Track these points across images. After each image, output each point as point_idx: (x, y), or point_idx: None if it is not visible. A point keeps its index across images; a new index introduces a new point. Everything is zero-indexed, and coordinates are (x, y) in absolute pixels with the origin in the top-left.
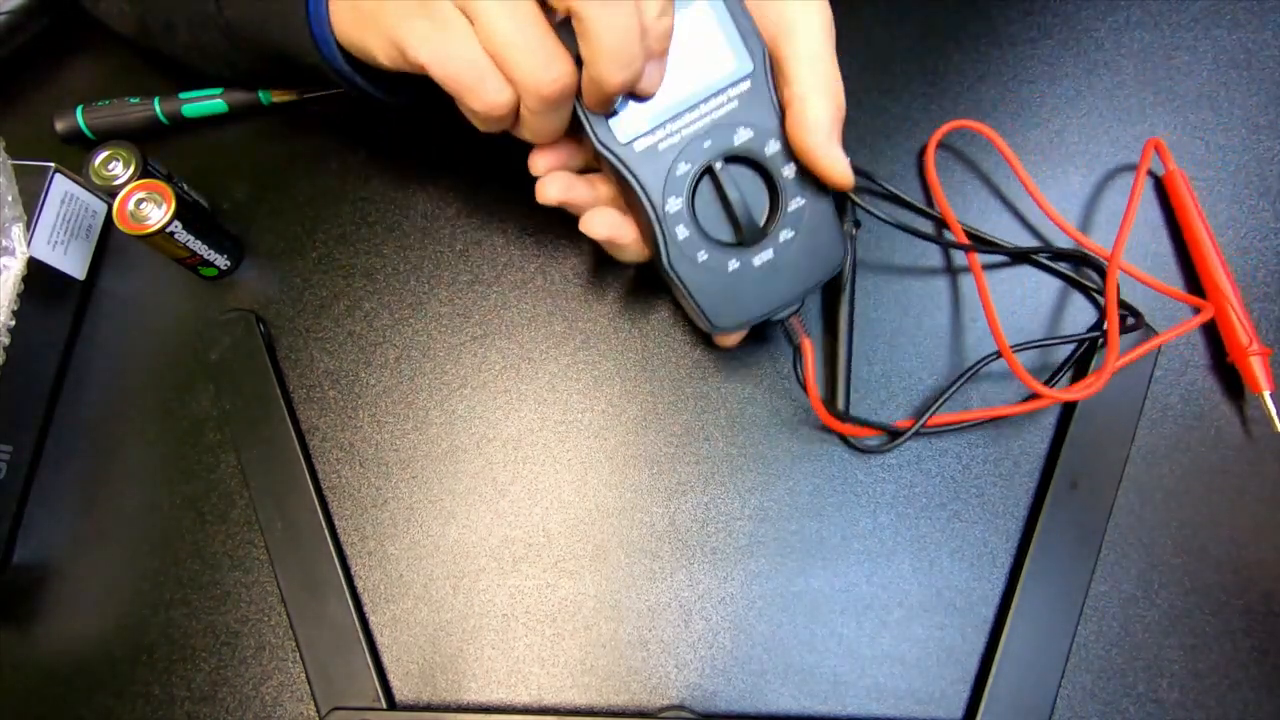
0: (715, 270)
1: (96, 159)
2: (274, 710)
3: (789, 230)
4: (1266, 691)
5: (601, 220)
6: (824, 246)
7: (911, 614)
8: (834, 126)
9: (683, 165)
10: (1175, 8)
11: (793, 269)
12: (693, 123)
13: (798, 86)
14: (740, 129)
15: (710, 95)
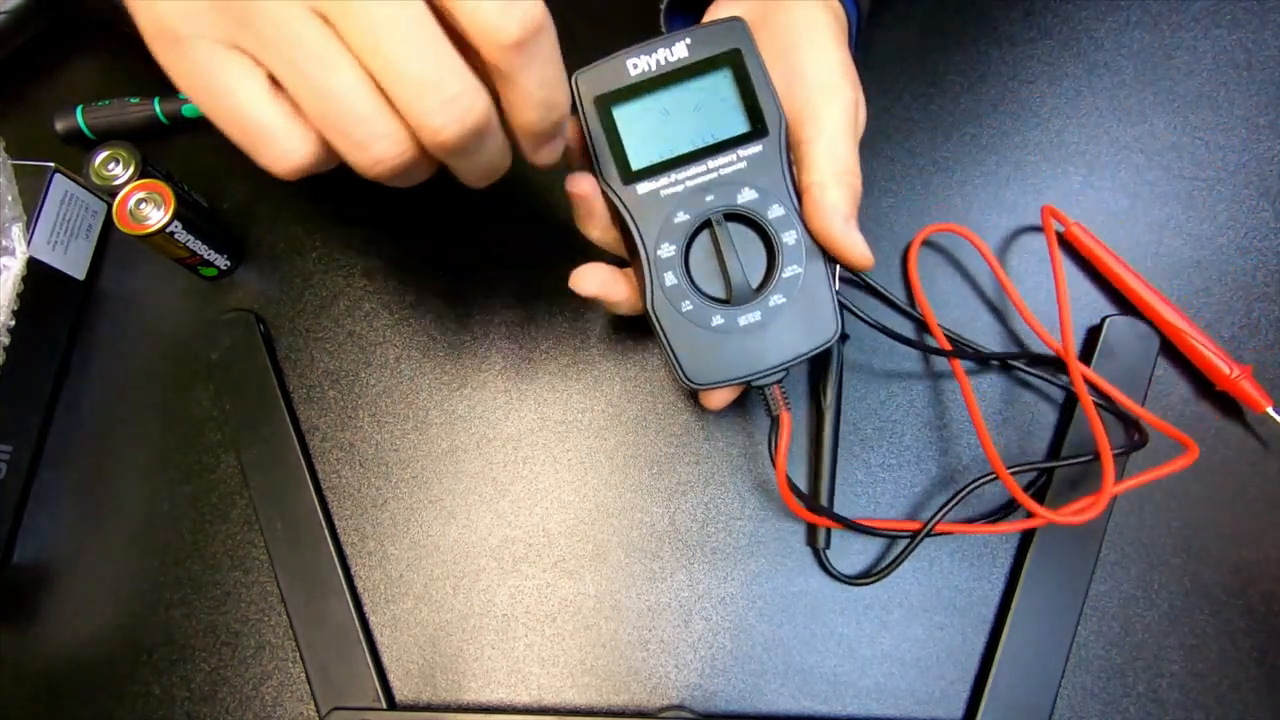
0: (698, 323)
1: (96, 159)
2: (274, 710)
3: (781, 296)
4: (1267, 691)
5: (592, 277)
6: (816, 318)
7: (911, 614)
8: (851, 211)
9: (681, 214)
10: (1175, 8)
11: (780, 336)
12: (698, 176)
13: (816, 174)
14: (745, 189)
15: (720, 152)
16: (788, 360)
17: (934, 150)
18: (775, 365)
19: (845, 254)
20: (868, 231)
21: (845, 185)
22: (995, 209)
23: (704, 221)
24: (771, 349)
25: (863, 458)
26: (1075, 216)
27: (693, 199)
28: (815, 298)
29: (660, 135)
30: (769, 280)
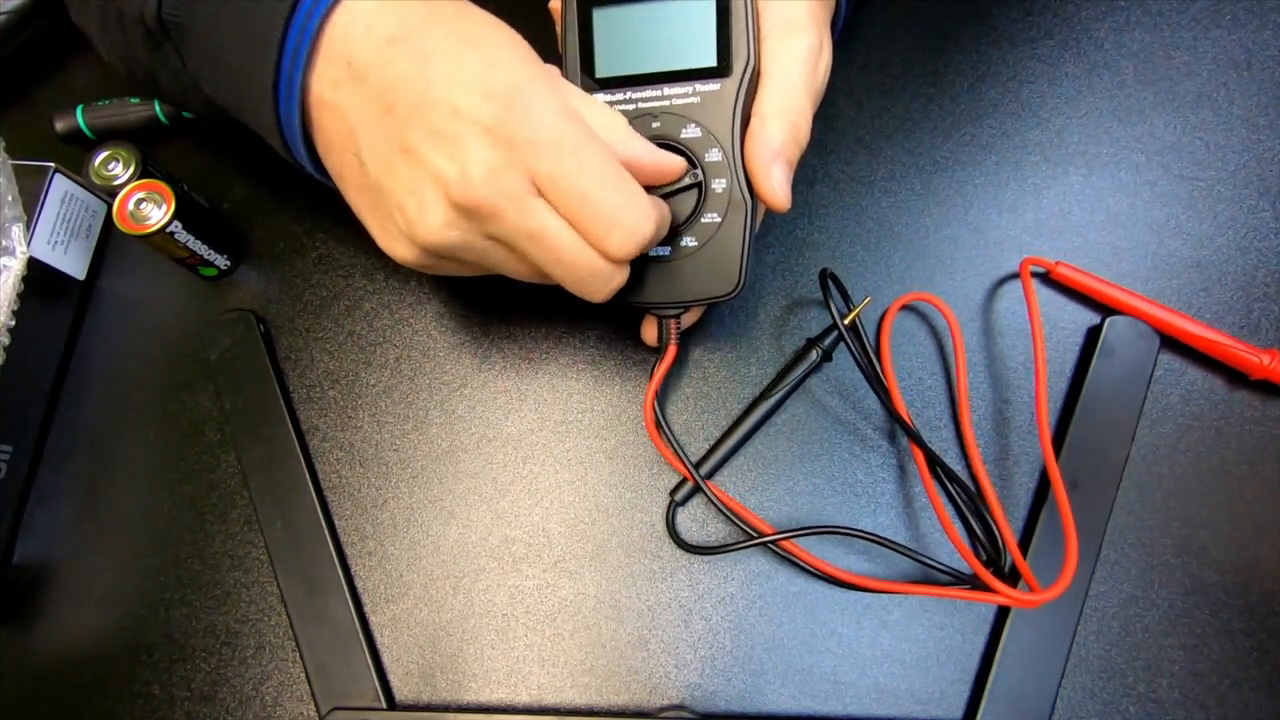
0: None
1: (96, 159)
2: (274, 710)
3: (693, 239)
4: (1266, 691)
5: None
6: (720, 270)
7: (911, 614)
8: (784, 149)
9: None
10: (1175, 8)
11: (681, 276)
12: (651, 100)
13: (761, 105)
14: (691, 125)
15: (679, 80)
16: (682, 300)
17: (934, 150)
18: (670, 301)
19: (761, 189)
20: (866, 231)
21: (786, 122)
22: (995, 209)
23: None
24: (672, 286)
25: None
26: (1075, 217)
27: (640, 121)
28: (726, 250)
29: (629, 48)
30: (688, 221)
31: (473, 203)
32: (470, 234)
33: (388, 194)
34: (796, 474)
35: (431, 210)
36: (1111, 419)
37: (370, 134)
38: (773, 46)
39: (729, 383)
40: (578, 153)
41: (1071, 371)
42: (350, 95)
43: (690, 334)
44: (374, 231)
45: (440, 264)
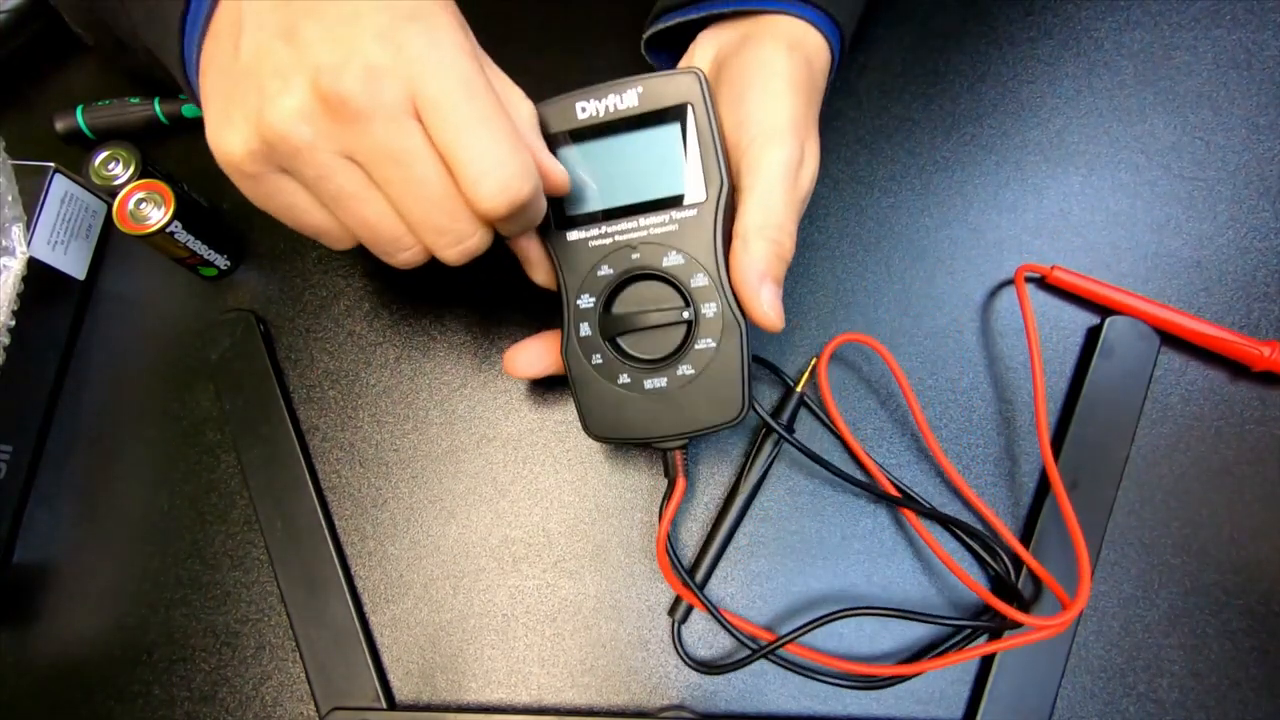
0: (606, 377)
1: (96, 159)
2: (274, 710)
3: (689, 367)
4: (1266, 691)
5: (521, 358)
6: (721, 395)
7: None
8: (769, 269)
9: (604, 269)
10: (1175, 8)
11: (682, 407)
12: (628, 231)
13: (741, 224)
14: (672, 253)
15: (653, 210)
16: (685, 432)
17: (934, 150)
18: (672, 434)
19: (752, 313)
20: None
21: (768, 240)
22: (995, 209)
23: (625, 279)
24: (672, 417)
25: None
26: (1075, 217)
27: (618, 255)
28: (724, 375)
29: (598, 184)
30: (682, 349)
31: (339, 97)
32: (323, 137)
33: (253, 75)
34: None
35: (291, 95)
36: (1111, 419)
37: (257, 19)
38: (753, 160)
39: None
40: (470, 85)
41: (1071, 371)
42: None
43: None
44: (212, 117)
45: (270, 178)
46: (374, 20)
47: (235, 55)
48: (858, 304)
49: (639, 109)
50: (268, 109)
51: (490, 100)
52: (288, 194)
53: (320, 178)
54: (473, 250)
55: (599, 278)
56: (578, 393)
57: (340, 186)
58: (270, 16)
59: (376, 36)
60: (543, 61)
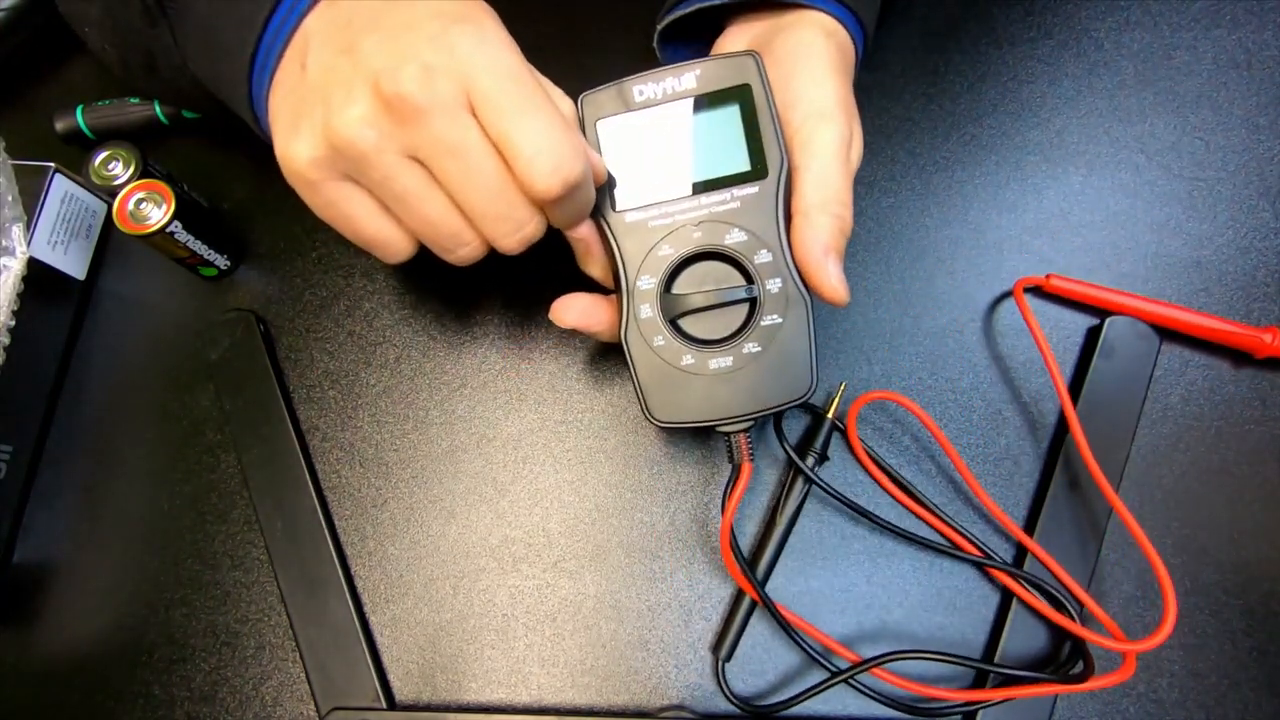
0: (668, 359)
1: (96, 159)
2: (274, 710)
3: (755, 344)
4: (1267, 691)
5: (572, 308)
6: (789, 371)
7: (911, 614)
8: (832, 243)
9: (665, 248)
10: (1175, 8)
11: (749, 385)
12: (689, 210)
13: (802, 201)
14: (735, 230)
15: (715, 189)
16: (754, 411)
17: (934, 150)
18: (740, 414)
19: (818, 286)
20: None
21: (830, 214)
22: (995, 209)
23: (687, 258)
24: (739, 397)
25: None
26: (1075, 217)
27: (679, 234)
28: (792, 350)
29: (657, 165)
30: (746, 326)
31: (399, 97)
32: (387, 138)
33: (316, 89)
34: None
35: (356, 102)
36: (1111, 419)
37: (322, 40)
38: (805, 138)
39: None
40: (518, 77)
41: (1071, 372)
42: (317, 15)
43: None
44: (280, 131)
45: (333, 185)
46: (426, 27)
47: (302, 75)
48: (858, 304)
49: (698, 89)
50: (334, 118)
51: (537, 90)
52: (351, 202)
53: (385, 179)
54: (530, 237)
55: (659, 258)
56: (640, 378)
57: (405, 186)
58: (334, 37)
59: (430, 40)
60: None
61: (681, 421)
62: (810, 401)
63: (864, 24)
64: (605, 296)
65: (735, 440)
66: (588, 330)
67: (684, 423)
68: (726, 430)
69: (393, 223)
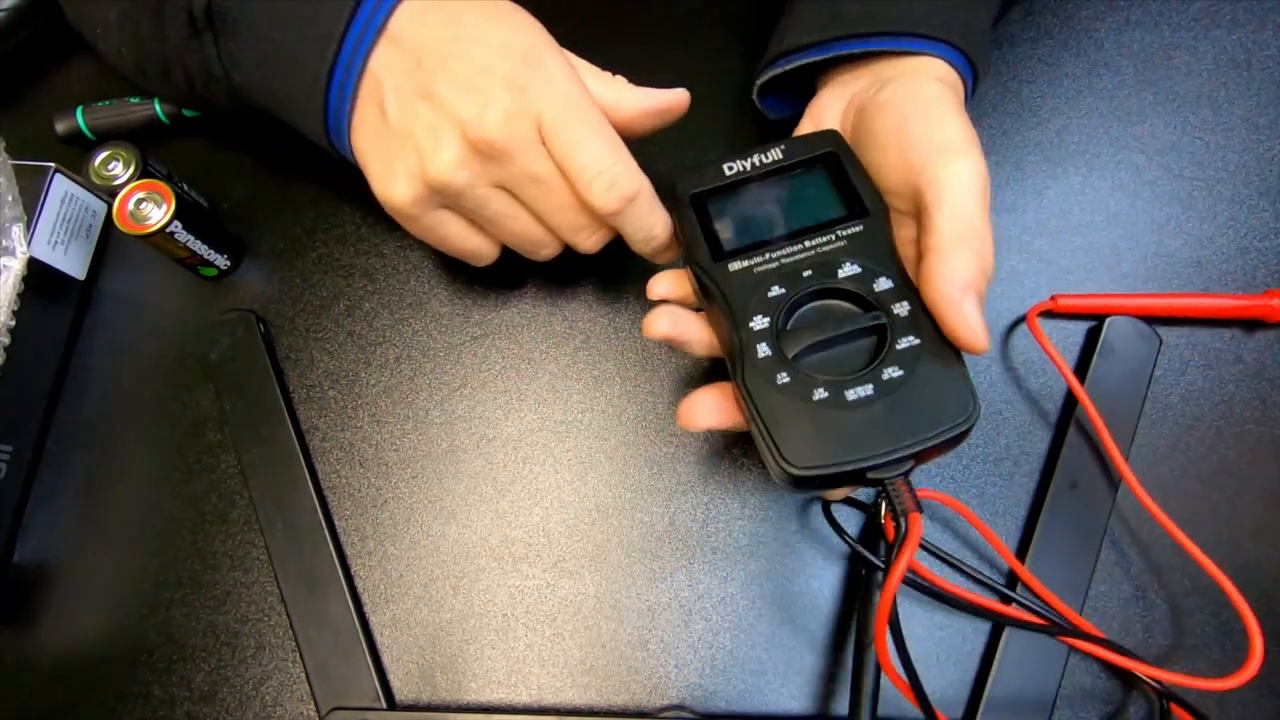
0: (796, 395)
1: (96, 159)
2: (274, 710)
3: (897, 368)
4: (1267, 691)
5: (663, 320)
6: (944, 394)
7: (911, 614)
8: (973, 282)
9: (776, 289)
10: (1175, 8)
11: (899, 415)
12: (794, 254)
13: (937, 238)
14: (847, 264)
15: (817, 232)
16: (913, 443)
17: None
18: (896, 449)
19: (955, 329)
20: None
21: (968, 250)
22: (996, 209)
23: (801, 296)
24: (890, 430)
25: None
26: (1075, 217)
27: (789, 276)
28: (941, 371)
29: (754, 222)
30: (880, 354)
31: (487, 142)
32: (478, 176)
33: (405, 135)
34: None
35: (447, 147)
36: (1111, 419)
37: (398, 84)
38: (934, 174)
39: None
40: (579, 108)
41: (1072, 372)
42: (382, 54)
43: None
44: (375, 173)
45: (431, 215)
46: (499, 70)
47: (383, 119)
48: None
49: (785, 160)
50: (430, 163)
51: (593, 116)
52: (447, 226)
53: (477, 207)
54: (603, 239)
55: (771, 299)
56: (766, 423)
57: (494, 210)
58: (406, 82)
59: (504, 84)
60: None
61: (823, 469)
62: None
63: (976, 66)
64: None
65: (894, 487)
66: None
67: (826, 471)
68: (882, 475)
69: (482, 237)
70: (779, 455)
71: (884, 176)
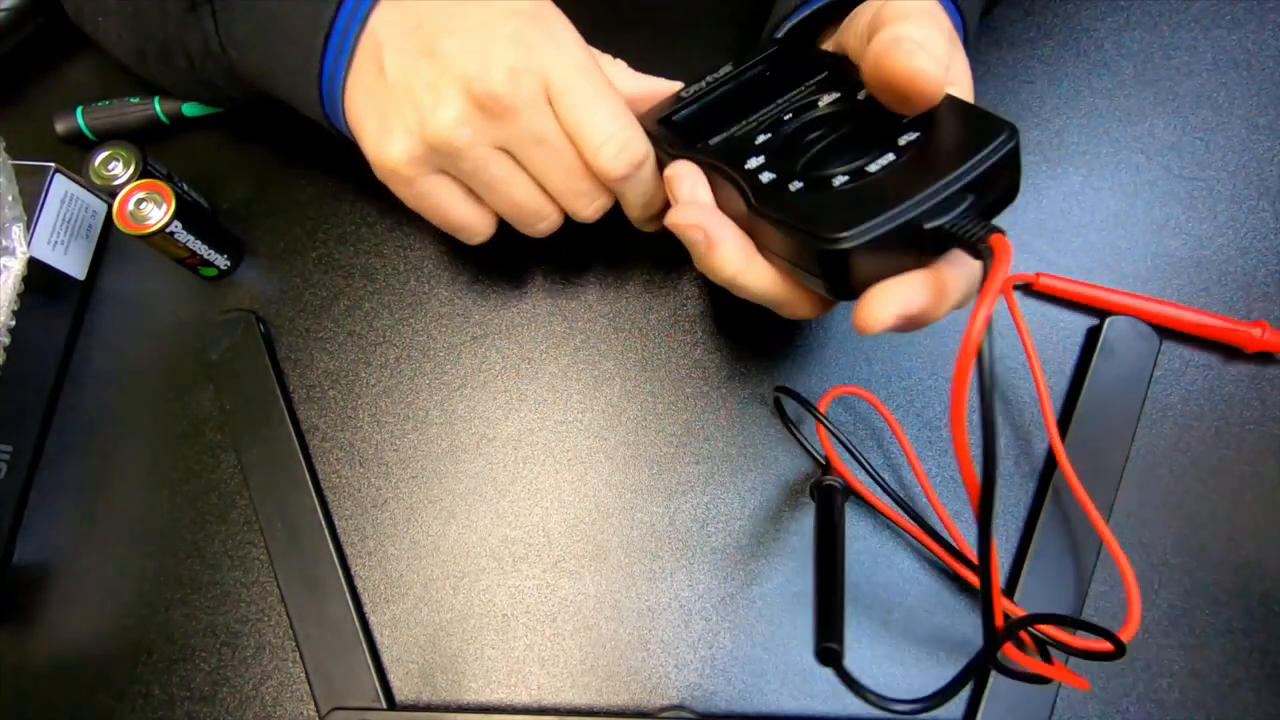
0: (818, 191)
1: (96, 159)
2: (274, 710)
3: (912, 132)
4: (1267, 691)
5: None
6: (972, 124)
7: (911, 614)
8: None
9: (763, 136)
10: (1175, 8)
11: (931, 159)
12: (771, 112)
13: (890, 12)
14: (824, 97)
15: (785, 91)
16: (960, 170)
17: None
18: (942, 180)
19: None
20: None
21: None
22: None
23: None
24: (931, 173)
25: None
26: (1075, 217)
27: (773, 124)
28: (959, 110)
29: (721, 113)
30: (889, 129)
31: (491, 97)
32: (480, 135)
33: (404, 91)
34: None
35: (449, 103)
36: (1111, 419)
37: (398, 44)
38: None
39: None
40: (587, 71)
41: (1071, 372)
42: (382, 13)
43: None
44: (370, 133)
45: (427, 178)
46: (503, 27)
47: (381, 76)
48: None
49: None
50: (429, 119)
51: (602, 81)
52: (442, 192)
53: (476, 169)
54: (603, 207)
55: (761, 142)
56: (797, 222)
57: (494, 174)
58: (408, 40)
59: (509, 40)
60: None
61: (875, 226)
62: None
63: (963, 12)
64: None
65: (962, 225)
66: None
67: (879, 226)
68: (940, 220)
69: (479, 207)
70: (818, 239)
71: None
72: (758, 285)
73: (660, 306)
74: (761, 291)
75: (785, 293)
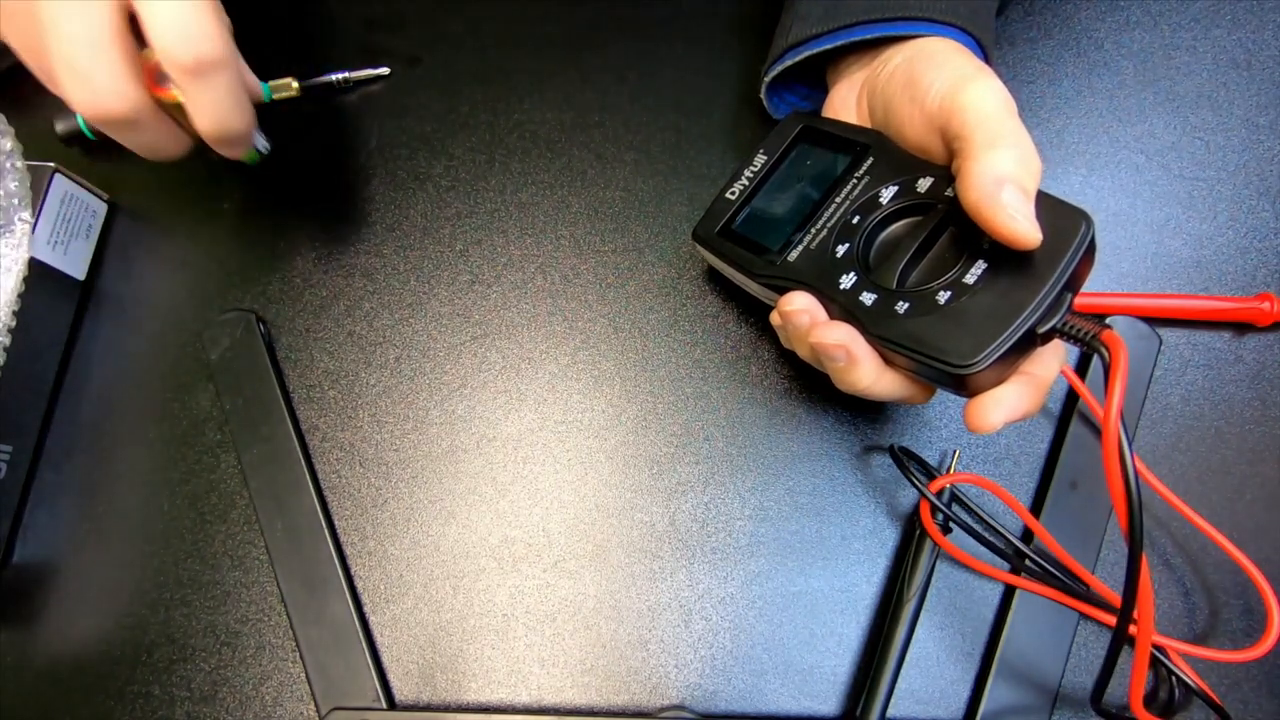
0: (924, 311)
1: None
2: (274, 710)
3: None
4: (1267, 691)
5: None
6: (1055, 222)
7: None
8: (1010, 175)
9: (840, 247)
10: (1175, 8)
11: (1025, 265)
12: (834, 214)
13: (970, 145)
14: (883, 191)
15: (838, 188)
16: (1055, 276)
17: None
18: (1043, 290)
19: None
20: None
21: (1002, 147)
22: None
23: (864, 236)
24: (1029, 280)
25: None
26: None
27: (843, 230)
28: (1040, 205)
29: (783, 216)
30: (968, 237)
31: None
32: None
33: None
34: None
35: None
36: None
37: None
38: (955, 101)
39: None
40: None
41: (1071, 372)
42: None
43: None
44: None
45: None
46: None
47: None
48: None
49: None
50: None
51: None
52: None
53: None
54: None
55: (841, 257)
56: (918, 349)
57: None
58: None
59: None
60: (543, 62)
61: (995, 347)
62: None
63: (985, 49)
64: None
65: (1072, 325)
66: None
67: (998, 346)
68: (1050, 323)
69: None
70: (950, 365)
71: (911, 134)
72: (887, 391)
73: (660, 306)
74: (889, 396)
75: (912, 394)
